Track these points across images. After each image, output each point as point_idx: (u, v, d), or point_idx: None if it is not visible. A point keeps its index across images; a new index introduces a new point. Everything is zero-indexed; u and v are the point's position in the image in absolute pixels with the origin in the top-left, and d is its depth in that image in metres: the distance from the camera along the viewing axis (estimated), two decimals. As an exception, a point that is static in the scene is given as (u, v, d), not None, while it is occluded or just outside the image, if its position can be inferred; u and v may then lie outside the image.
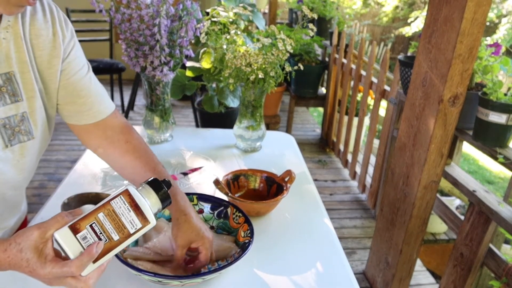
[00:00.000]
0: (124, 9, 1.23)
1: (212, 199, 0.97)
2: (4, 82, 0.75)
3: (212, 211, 0.97)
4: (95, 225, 0.62)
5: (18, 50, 0.76)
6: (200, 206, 0.97)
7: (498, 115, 1.36)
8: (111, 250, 0.63)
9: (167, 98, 1.40)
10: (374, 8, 9.70)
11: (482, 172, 4.39)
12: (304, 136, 3.99)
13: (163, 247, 0.84)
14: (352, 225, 2.60)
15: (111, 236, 0.62)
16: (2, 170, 0.79)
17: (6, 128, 0.77)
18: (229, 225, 0.93)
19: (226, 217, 0.95)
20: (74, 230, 0.61)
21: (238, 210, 0.93)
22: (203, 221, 0.96)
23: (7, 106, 0.76)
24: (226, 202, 0.96)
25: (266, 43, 1.27)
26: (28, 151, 0.83)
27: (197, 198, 0.97)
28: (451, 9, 1.38)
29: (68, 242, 0.60)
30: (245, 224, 0.90)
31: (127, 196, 0.64)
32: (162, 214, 0.95)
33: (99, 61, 3.96)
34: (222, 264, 0.84)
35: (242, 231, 0.89)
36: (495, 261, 1.44)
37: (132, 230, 0.64)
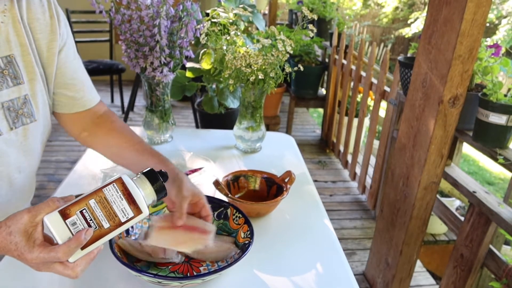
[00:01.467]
0: (124, 10, 1.23)
1: (212, 200, 0.97)
2: (6, 65, 0.76)
3: (212, 212, 0.96)
4: (85, 212, 0.61)
5: (17, 34, 0.78)
6: None
7: (498, 116, 1.36)
8: (100, 238, 0.62)
9: (167, 99, 1.40)
10: (374, 9, 9.71)
11: (482, 173, 4.39)
12: (304, 137, 3.99)
13: (156, 249, 0.83)
14: (352, 226, 2.60)
15: (101, 224, 0.62)
16: (7, 153, 0.80)
17: (10, 110, 0.79)
18: (229, 226, 0.93)
19: (226, 218, 0.94)
20: (64, 215, 0.60)
21: (238, 211, 0.93)
22: None
23: (10, 89, 0.78)
24: (226, 203, 0.96)
25: (266, 44, 1.27)
26: (31, 133, 0.84)
27: None
28: (451, 10, 1.38)
29: (57, 227, 0.60)
30: (245, 225, 0.90)
31: (120, 184, 0.63)
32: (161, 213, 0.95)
33: (99, 62, 3.96)
34: (222, 265, 0.84)
35: (242, 232, 0.89)
36: (495, 262, 1.44)
37: (124, 219, 0.63)
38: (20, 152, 0.84)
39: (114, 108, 4.30)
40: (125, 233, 0.85)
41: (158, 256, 0.83)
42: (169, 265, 0.84)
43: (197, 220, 0.85)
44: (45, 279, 0.81)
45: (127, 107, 4.01)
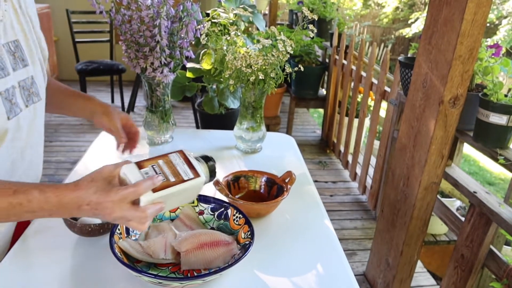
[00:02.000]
0: (124, 10, 1.23)
1: (213, 200, 0.97)
2: (15, 49, 0.85)
3: (213, 213, 0.96)
4: (155, 167, 0.73)
5: (18, 21, 0.86)
6: (200, 208, 0.97)
7: (499, 116, 1.36)
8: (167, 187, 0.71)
9: (167, 99, 1.40)
10: (374, 9, 9.72)
11: (482, 173, 4.39)
12: (305, 137, 3.99)
13: (156, 249, 0.83)
14: (353, 226, 2.60)
15: (168, 177, 0.72)
16: (23, 128, 0.88)
17: (24, 89, 0.87)
18: (230, 226, 0.93)
19: (226, 219, 0.94)
20: (139, 166, 0.72)
21: (239, 211, 0.93)
22: (204, 222, 0.96)
23: (21, 70, 0.86)
24: (227, 204, 0.96)
25: (266, 44, 1.27)
26: (39, 111, 0.94)
27: (198, 200, 0.97)
28: (451, 10, 1.38)
29: (133, 173, 0.70)
30: (245, 226, 0.89)
31: (181, 154, 0.77)
32: (163, 215, 0.95)
33: (100, 62, 3.96)
34: (223, 265, 0.84)
35: (242, 233, 0.89)
36: (496, 262, 1.43)
37: (186, 177, 0.73)
38: (30, 129, 0.92)
39: (114, 109, 4.30)
40: (125, 234, 0.85)
41: (158, 257, 0.83)
42: (169, 266, 0.84)
43: (214, 234, 0.86)
44: (45, 279, 0.81)
45: (128, 108, 4.01)
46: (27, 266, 0.84)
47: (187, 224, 0.93)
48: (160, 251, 0.83)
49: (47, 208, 0.67)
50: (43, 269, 0.83)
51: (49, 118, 3.99)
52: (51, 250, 0.88)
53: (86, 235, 0.90)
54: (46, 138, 3.59)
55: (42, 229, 0.94)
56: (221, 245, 0.85)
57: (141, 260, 0.83)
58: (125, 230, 0.85)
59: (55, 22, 4.73)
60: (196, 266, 0.83)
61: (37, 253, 0.88)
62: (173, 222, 0.94)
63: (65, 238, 0.91)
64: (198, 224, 0.95)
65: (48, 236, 0.92)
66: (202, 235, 0.86)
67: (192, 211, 0.96)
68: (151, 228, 0.90)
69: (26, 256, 0.87)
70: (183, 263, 0.82)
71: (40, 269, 0.83)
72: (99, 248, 0.89)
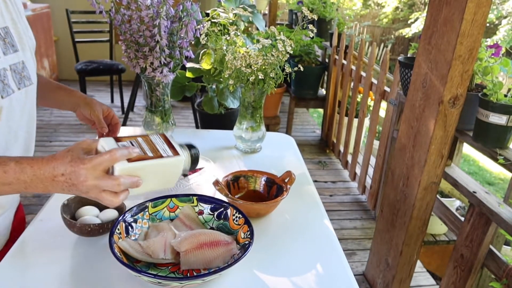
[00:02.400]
0: (124, 10, 1.23)
1: (212, 200, 0.97)
2: (5, 35, 0.88)
3: (212, 212, 0.96)
4: (134, 142, 0.75)
5: (7, 10, 0.89)
6: (200, 207, 0.97)
7: (498, 116, 1.36)
8: (144, 160, 0.72)
9: (167, 99, 1.40)
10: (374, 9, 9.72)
11: (482, 173, 4.39)
12: (304, 137, 3.99)
13: (155, 249, 0.83)
14: (352, 226, 2.60)
15: (146, 152, 0.74)
16: (15, 110, 0.91)
17: (15, 72, 0.90)
18: (229, 226, 0.93)
19: (226, 219, 0.94)
20: (117, 140, 0.74)
21: (238, 211, 0.93)
22: (203, 222, 0.95)
23: (12, 55, 0.89)
24: (226, 203, 0.96)
25: (266, 44, 1.27)
26: (30, 94, 0.96)
27: (197, 200, 0.97)
28: (451, 10, 1.38)
29: (110, 145, 0.71)
30: (245, 225, 0.89)
31: (163, 136, 0.79)
32: (163, 215, 0.95)
33: (99, 62, 3.96)
34: (222, 265, 0.84)
35: (242, 232, 0.89)
36: (496, 262, 1.43)
37: (164, 154, 0.74)
38: (22, 112, 0.94)
39: (114, 108, 4.29)
40: (125, 233, 0.85)
41: (158, 257, 0.83)
42: (169, 266, 0.84)
43: (214, 234, 0.86)
44: (44, 279, 0.81)
45: (127, 107, 4.01)
46: (26, 266, 0.84)
47: (187, 224, 0.93)
48: (159, 251, 0.83)
49: (22, 179, 0.67)
50: (43, 269, 0.83)
51: (49, 118, 3.99)
52: (51, 250, 0.88)
53: (85, 235, 0.90)
54: (46, 138, 3.59)
55: (42, 229, 0.94)
56: (221, 245, 0.84)
57: (140, 260, 0.83)
58: (124, 230, 0.85)
59: (55, 22, 4.73)
60: (196, 266, 0.83)
61: (37, 253, 0.87)
62: (172, 222, 0.93)
63: (65, 238, 0.91)
64: (198, 224, 0.94)
65: (47, 236, 0.92)
66: (202, 235, 0.86)
67: (192, 211, 0.96)
68: (151, 228, 0.90)
69: (26, 256, 0.87)
70: (182, 263, 0.82)
71: (39, 269, 0.83)
72: (98, 248, 0.89)
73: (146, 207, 0.91)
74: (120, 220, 0.85)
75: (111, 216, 0.94)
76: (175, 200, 0.96)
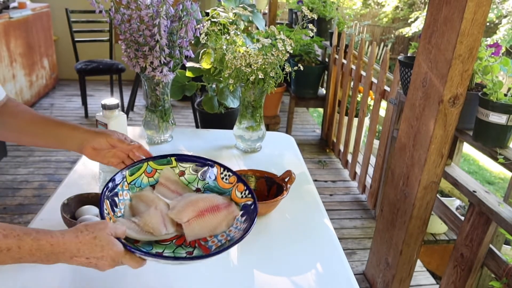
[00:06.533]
0: (124, 9, 1.23)
1: (193, 158, 0.88)
2: None
3: (195, 172, 0.87)
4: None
5: None
6: (180, 168, 0.88)
7: (498, 115, 1.36)
8: None
9: (167, 98, 1.40)
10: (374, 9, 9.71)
11: (482, 173, 4.39)
12: (304, 137, 3.99)
13: (155, 226, 0.76)
14: (352, 226, 2.60)
15: None
16: None
17: None
18: (219, 185, 0.84)
19: (213, 178, 0.86)
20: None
21: (227, 169, 0.85)
22: (186, 184, 0.86)
23: None
24: (210, 161, 0.87)
25: (266, 43, 1.27)
26: None
27: (176, 160, 0.88)
28: (451, 10, 1.38)
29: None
30: (239, 184, 0.82)
31: None
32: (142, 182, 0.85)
33: (99, 61, 3.96)
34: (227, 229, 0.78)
35: (237, 192, 0.81)
36: (495, 261, 1.44)
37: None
38: None
39: (114, 108, 4.29)
40: (112, 212, 0.76)
41: (161, 234, 0.76)
42: (172, 240, 0.77)
43: (210, 198, 0.81)
44: (44, 279, 0.81)
45: (127, 107, 4.01)
46: (27, 265, 0.84)
47: (172, 189, 0.86)
48: (160, 227, 0.76)
49: (37, 256, 0.63)
50: (43, 268, 0.83)
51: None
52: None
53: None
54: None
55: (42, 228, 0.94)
56: (222, 209, 0.79)
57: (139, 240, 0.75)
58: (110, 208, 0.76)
59: (55, 21, 4.73)
60: (202, 234, 0.77)
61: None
62: (156, 190, 0.85)
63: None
64: (183, 187, 0.87)
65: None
66: (200, 201, 0.80)
67: (172, 173, 0.88)
68: (135, 199, 0.82)
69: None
70: (187, 235, 0.76)
71: (40, 269, 0.83)
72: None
73: (123, 176, 0.82)
74: (103, 199, 0.75)
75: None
76: (152, 164, 0.86)
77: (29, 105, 3.99)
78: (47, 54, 4.40)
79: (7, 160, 3.07)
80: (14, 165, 3.01)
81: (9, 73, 3.53)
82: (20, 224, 2.23)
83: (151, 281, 0.82)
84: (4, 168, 2.95)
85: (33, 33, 3.97)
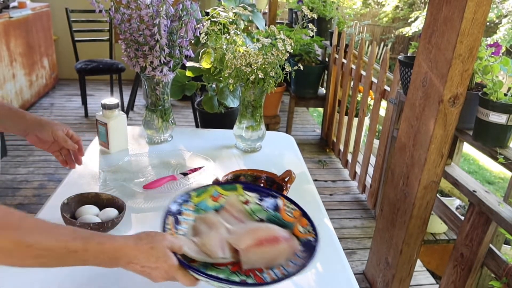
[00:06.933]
0: (124, 9, 1.23)
1: (258, 189, 0.88)
2: None
3: (260, 202, 0.87)
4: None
5: None
6: (246, 197, 0.88)
7: (498, 115, 1.36)
8: None
9: (167, 98, 1.40)
10: (374, 8, 9.71)
11: (482, 173, 4.39)
12: (304, 136, 3.99)
13: (213, 248, 0.75)
14: (352, 225, 2.60)
15: None
16: None
17: None
18: (282, 218, 0.83)
19: (277, 210, 0.85)
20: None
21: (291, 201, 0.84)
22: (251, 213, 0.86)
23: None
24: (275, 193, 0.87)
25: (266, 43, 1.27)
26: None
27: (242, 188, 0.88)
28: (451, 9, 1.38)
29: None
30: (303, 218, 0.80)
31: None
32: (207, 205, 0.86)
33: (99, 61, 3.96)
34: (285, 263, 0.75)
35: (300, 226, 0.80)
36: (495, 261, 1.44)
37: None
38: None
39: (114, 108, 4.29)
40: (174, 229, 0.77)
41: (217, 256, 0.75)
42: (227, 265, 0.76)
43: (271, 229, 0.79)
44: (45, 279, 0.81)
45: (127, 107, 4.01)
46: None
47: (235, 215, 0.85)
48: (218, 250, 0.75)
49: (101, 258, 0.67)
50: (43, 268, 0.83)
51: (49, 117, 3.99)
52: (51, 249, 0.88)
53: (85, 234, 0.90)
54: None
55: (42, 228, 0.94)
56: (282, 241, 0.77)
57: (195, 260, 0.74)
58: (173, 225, 0.77)
59: (55, 21, 4.73)
60: (258, 264, 0.75)
61: (37, 252, 0.87)
62: (219, 214, 0.85)
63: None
64: (246, 215, 0.86)
65: (47, 235, 0.92)
66: (260, 230, 0.78)
67: (237, 201, 0.88)
68: (198, 220, 0.83)
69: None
70: (244, 262, 0.75)
71: (40, 268, 0.83)
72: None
73: (190, 196, 0.84)
74: (166, 213, 0.77)
75: (111, 215, 0.94)
76: (219, 189, 0.88)
77: (29, 105, 4.00)
78: (47, 54, 4.40)
79: (7, 160, 3.07)
80: (14, 164, 3.01)
81: (9, 73, 3.53)
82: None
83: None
84: (4, 168, 2.95)
85: (33, 33, 3.96)
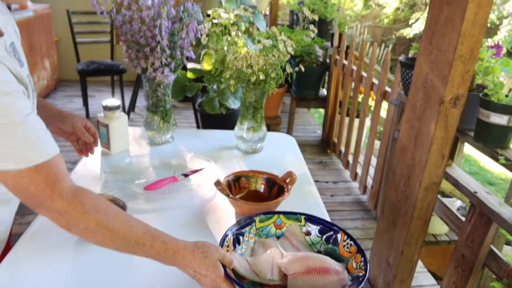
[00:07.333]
0: (125, 10, 1.23)
1: (321, 221, 0.91)
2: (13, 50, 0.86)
3: (321, 235, 0.91)
4: None
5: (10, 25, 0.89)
6: (307, 228, 0.92)
7: (499, 116, 1.36)
8: None
9: (168, 99, 1.40)
10: (375, 10, 9.71)
11: (483, 174, 4.39)
12: (305, 137, 3.99)
13: (263, 268, 0.79)
14: (353, 226, 2.60)
15: None
16: None
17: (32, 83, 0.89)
18: (339, 252, 0.86)
19: (335, 243, 0.88)
20: None
21: (350, 237, 0.86)
22: (310, 244, 0.90)
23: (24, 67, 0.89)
24: (337, 227, 0.89)
25: (267, 44, 1.27)
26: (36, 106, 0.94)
27: (305, 219, 0.92)
28: (452, 10, 1.38)
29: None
30: (357, 255, 0.82)
31: None
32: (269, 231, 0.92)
33: (100, 62, 3.96)
34: None
35: (354, 262, 0.82)
36: (497, 262, 1.43)
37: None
38: None
39: (115, 109, 4.29)
40: (232, 247, 0.84)
41: (265, 277, 0.79)
42: (275, 287, 0.80)
43: (324, 260, 0.81)
44: (45, 279, 0.81)
45: (128, 108, 4.02)
46: (27, 266, 0.84)
47: (294, 244, 0.89)
48: (267, 270, 0.79)
49: (162, 256, 0.74)
50: (44, 268, 0.84)
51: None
52: (52, 250, 0.88)
53: (87, 235, 0.90)
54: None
55: (43, 228, 0.94)
56: (331, 273, 0.78)
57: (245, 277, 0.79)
58: (232, 243, 0.85)
59: (56, 23, 4.74)
60: None
61: (38, 253, 0.88)
62: (279, 240, 0.90)
63: (66, 237, 0.91)
64: (305, 246, 0.90)
65: (48, 235, 0.92)
66: (312, 259, 0.81)
67: (299, 231, 0.91)
68: (257, 243, 0.88)
69: (27, 255, 0.87)
70: (290, 287, 0.78)
71: (40, 268, 0.83)
72: (99, 247, 0.89)
73: (253, 221, 0.90)
74: (228, 233, 0.85)
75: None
76: (283, 217, 0.93)
77: (31, 106, 4.00)
78: (48, 55, 4.40)
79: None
80: (15, 166, 3.00)
81: (11, 74, 3.53)
82: (21, 224, 2.23)
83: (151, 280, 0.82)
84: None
85: (34, 34, 3.97)
